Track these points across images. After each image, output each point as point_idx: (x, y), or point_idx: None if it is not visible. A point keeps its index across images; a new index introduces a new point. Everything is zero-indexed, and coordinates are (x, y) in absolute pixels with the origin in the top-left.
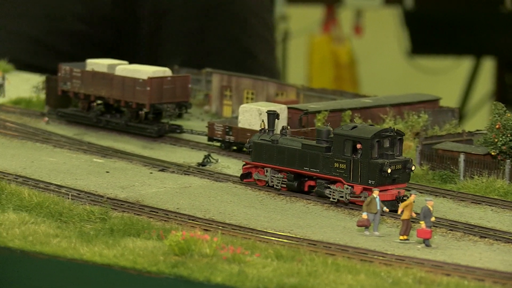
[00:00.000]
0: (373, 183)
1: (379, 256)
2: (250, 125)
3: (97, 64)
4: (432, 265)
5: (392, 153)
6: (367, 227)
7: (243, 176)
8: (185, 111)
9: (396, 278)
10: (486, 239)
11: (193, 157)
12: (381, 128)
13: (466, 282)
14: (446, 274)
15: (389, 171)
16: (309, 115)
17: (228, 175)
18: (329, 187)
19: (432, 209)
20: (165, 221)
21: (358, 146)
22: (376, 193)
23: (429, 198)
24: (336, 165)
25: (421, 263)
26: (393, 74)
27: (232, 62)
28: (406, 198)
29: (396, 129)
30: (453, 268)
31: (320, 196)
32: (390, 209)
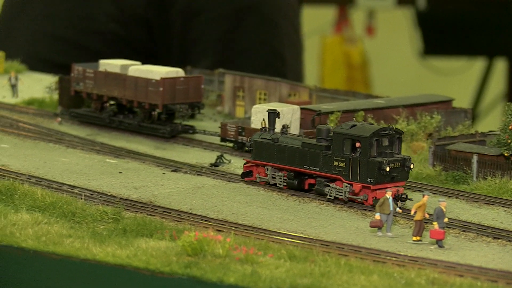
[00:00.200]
0: (372, 181)
1: (392, 257)
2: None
3: (110, 65)
4: (445, 266)
5: (391, 152)
6: (380, 228)
7: (244, 175)
8: (198, 112)
9: (409, 279)
10: (499, 240)
11: (206, 158)
12: (380, 127)
13: (479, 283)
14: (459, 275)
15: (388, 169)
16: (322, 116)
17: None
18: (329, 185)
19: (445, 210)
20: (178, 222)
21: (357, 145)
22: (389, 194)
23: (442, 199)
24: (336, 164)
25: (434, 264)
26: (406, 75)
27: (261, 65)
28: (405, 197)
29: (395, 128)
30: (466, 269)
31: (320, 194)
32: None
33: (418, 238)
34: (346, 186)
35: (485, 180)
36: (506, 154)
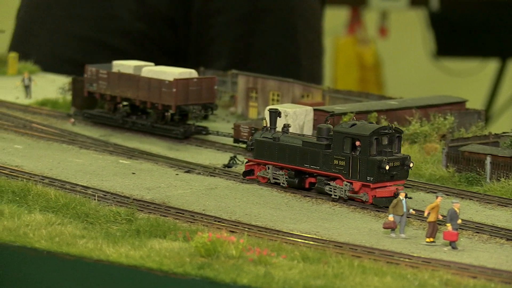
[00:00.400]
0: (372, 180)
1: (406, 258)
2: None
3: (123, 66)
4: (459, 268)
5: (391, 150)
6: (393, 229)
7: (246, 173)
8: (211, 113)
9: (423, 281)
10: None
11: (219, 159)
12: (380, 126)
13: (493, 285)
14: (473, 277)
15: (387, 168)
16: (335, 117)
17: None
18: (329, 184)
19: (459, 212)
20: (191, 223)
21: (357, 143)
22: (403, 195)
23: (456, 201)
24: (336, 162)
25: (448, 266)
26: (418, 76)
27: (276, 67)
28: (405, 195)
29: (395, 127)
30: (480, 271)
31: (320, 193)
32: (388, 206)
33: (432, 240)
34: (346, 185)
35: (499, 182)
36: None
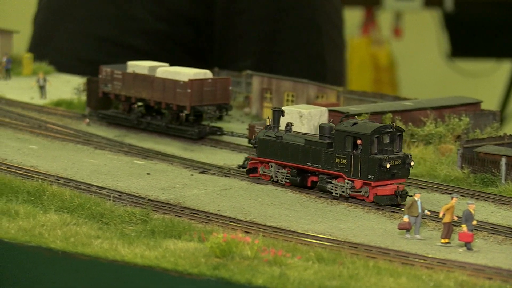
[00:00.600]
0: (373, 178)
1: (421, 259)
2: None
3: (138, 66)
4: (474, 269)
5: (392, 149)
6: (408, 230)
7: (249, 171)
8: (226, 113)
9: (438, 282)
10: None
11: (234, 159)
12: (381, 125)
13: (508, 286)
14: (488, 278)
15: (388, 166)
16: (350, 118)
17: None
18: (331, 182)
19: (474, 213)
20: (206, 223)
21: (358, 142)
22: (418, 196)
23: (471, 202)
24: (338, 161)
25: (463, 267)
26: (433, 77)
27: (301, 66)
28: (406, 193)
29: (396, 126)
30: (495, 272)
31: (322, 191)
32: (389, 204)
33: (447, 241)
34: (348, 183)
35: None
36: None
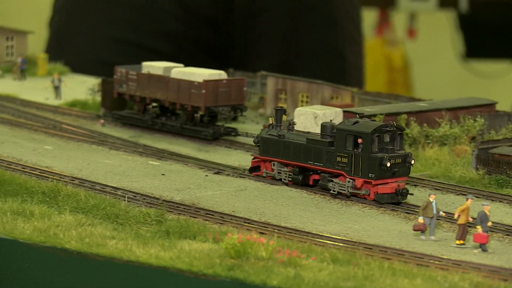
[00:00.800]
0: (373, 177)
1: (436, 261)
2: (305, 128)
3: (153, 67)
4: (489, 270)
5: (392, 148)
6: (423, 232)
7: (252, 170)
8: (240, 114)
9: (453, 283)
10: None
11: (248, 160)
12: (381, 124)
13: None
14: (503, 279)
15: (389, 165)
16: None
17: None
18: (332, 181)
19: (489, 214)
20: (221, 224)
21: (359, 141)
22: (433, 198)
23: (486, 203)
24: (339, 159)
25: (478, 268)
26: (447, 78)
27: (321, 64)
28: (406, 192)
29: (396, 124)
30: (511, 274)
31: (324, 190)
32: (390, 202)
33: (462, 242)
34: (349, 181)
35: None
36: None
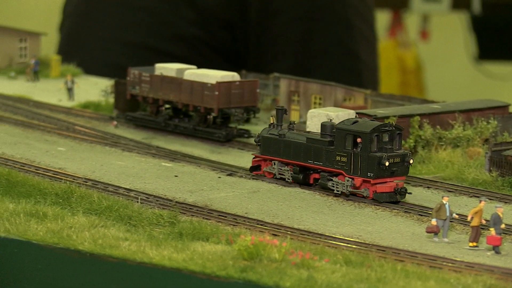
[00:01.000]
0: (372, 176)
1: (449, 263)
2: (319, 130)
3: (166, 69)
4: (502, 272)
5: (391, 147)
6: (436, 234)
7: (253, 169)
8: (253, 116)
9: (466, 285)
10: None
11: None
12: (380, 123)
13: None
14: None
15: (387, 164)
16: (378, 121)
17: None
18: (332, 180)
19: (502, 216)
20: (234, 226)
21: (358, 140)
22: (446, 200)
23: (499, 205)
24: (338, 158)
25: (491, 270)
26: (460, 80)
27: (337, 66)
28: (405, 191)
29: (395, 124)
30: None
31: (324, 189)
32: (389, 201)
33: (475, 244)
34: (348, 180)
35: None
36: None
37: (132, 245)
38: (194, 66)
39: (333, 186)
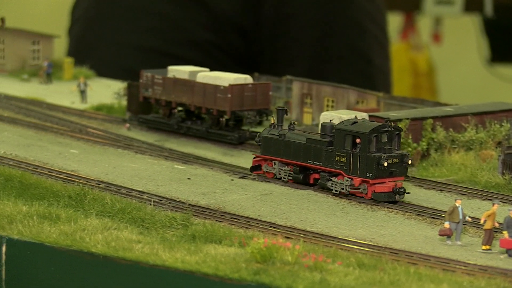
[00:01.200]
0: (371, 176)
1: (462, 266)
2: None
3: (179, 71)
4: None
5: (390, 148)
6: (449, 237)
7: (253, 168)
8: (266, 118)
9: None
10: None
11: None
12: (379, 124)
13: None
14: None
15: (386, 165)
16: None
17: None
18: (331, 180)
19: None
20: (247, 228)
21: (357, 141)
22: (459, 202)
23: None
24: (337, 159)
25: (504, 274)
26: (473, 83)
27: (350, 70)
28: (403, 190)
29: (394, 125)
30: None
31: (323, 188)
32: (387, 201)
33: (488, 247)
34: (347, 180)
35: None
36: None
37: (145, 248)
38: (207, 69)
39: (333, 186)
